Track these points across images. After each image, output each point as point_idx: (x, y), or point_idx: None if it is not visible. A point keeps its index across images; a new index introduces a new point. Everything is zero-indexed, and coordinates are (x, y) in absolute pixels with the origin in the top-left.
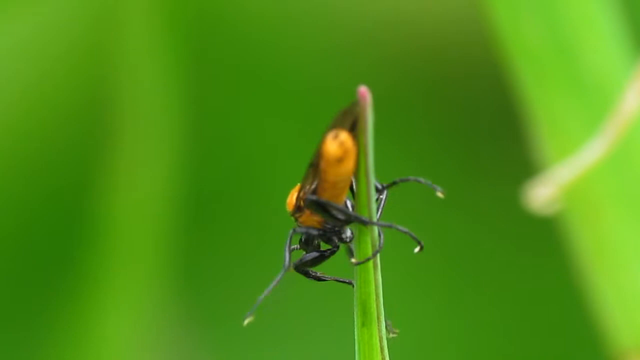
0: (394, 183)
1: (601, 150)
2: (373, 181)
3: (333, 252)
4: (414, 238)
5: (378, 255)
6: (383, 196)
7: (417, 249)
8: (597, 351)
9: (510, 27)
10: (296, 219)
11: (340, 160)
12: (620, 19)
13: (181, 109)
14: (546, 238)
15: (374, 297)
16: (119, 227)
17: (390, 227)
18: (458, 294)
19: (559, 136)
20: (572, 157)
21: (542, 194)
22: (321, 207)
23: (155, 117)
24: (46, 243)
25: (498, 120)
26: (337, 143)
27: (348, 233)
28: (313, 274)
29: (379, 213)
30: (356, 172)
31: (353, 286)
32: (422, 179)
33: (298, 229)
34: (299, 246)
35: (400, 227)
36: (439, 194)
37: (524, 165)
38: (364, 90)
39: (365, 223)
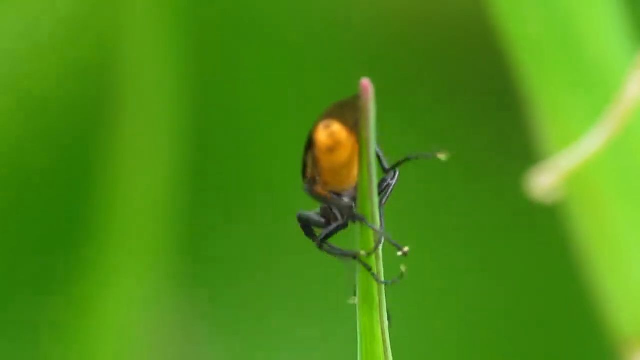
0: (400, 163)
1: (603, 138)
2: (375, 175)
3: (339, 228)
4: (394, 245)
5: (380, 245)
6: (393, 181)
7: (400, 253)
8: (598, 339)
9: (511, 15)
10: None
11: (331, 150)
12: (622, 8)
13: (184, 81)
14: (548, 226)
15: (376, 288)
16: (121, 205)
17: (373, 228)
18: (459, 282)
19: (560, 124)
20: (573, 146)
21: (544, 182)
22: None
23: (157, 90)
24: (48, 219)
25: (499, 108)
26: (327, 133)
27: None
28: (315, 237)
29: (387, 198)
30: (360, 162)
31: (355, 258)
32: (422, 154)
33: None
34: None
35: (384, 235)
36: (442, 156)
37: (525, 154)
38: (366, 83)
39: (353, 219)
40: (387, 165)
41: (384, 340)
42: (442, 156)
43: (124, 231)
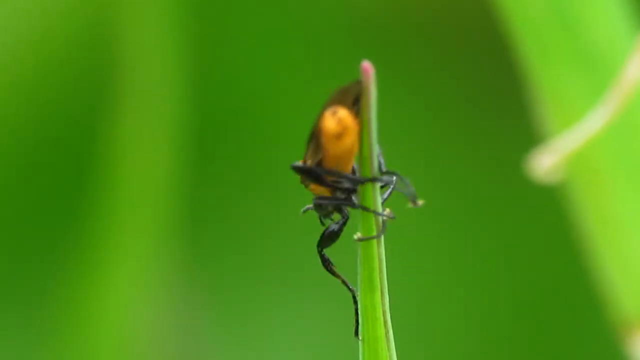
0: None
1: (604, 119)
2: (376, 158)
3: (345, 223)
4: (410, 195)
5: (381, 232)
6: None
7: (412, 204)
8: (599, 320)
9: None
10: (306, 187)
11: (338, 136)
12: None
13: (185, 70)
14: (549, 207)
15: (377, 271)
16: (121, 199)
17: (387, 183)
18: (460, 264)
19: (562, 105)
20: (575, 127)
21: (545, 163)
22: (310, 174)
23: (158, 81)
24: (48, 213)
25: (501, 89)
26: (335, 119)
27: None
28: (328, 264)
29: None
30: (360, 146)
31: (353, 296)
32: (406, 185)
33: (315, 201)
34: (312, 207)
35: (399, 185)
36: (417, 203)
37: (527, 134)
38: (367, 65)
39: (361, 182)
40: (384, 168)
41: (385, 322)
42: (417, 203)
43: (123, 224)
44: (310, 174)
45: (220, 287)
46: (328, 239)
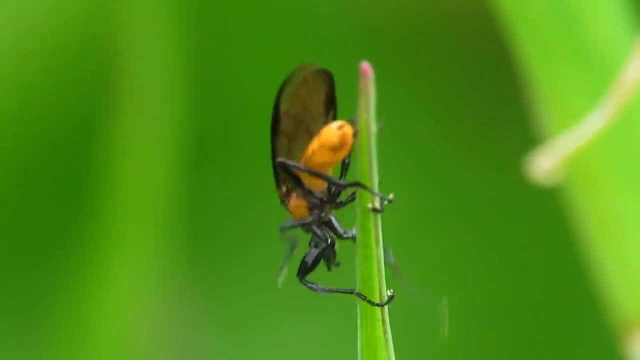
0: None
1: (603, 121)
2: (375, 160)
3: (327, 248)
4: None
5: (380, 229)
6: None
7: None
8: (599, 322)
9: None
10: (286, 207)
11: (335, 149)
12: None
13: (185, 73)
14: (548, 209)
15: (376, 272)
16: (121, 200)
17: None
18: (461, 266)
19: (561, 107)
20: (574, 128)
21: (545, 164)
22: (290, 173)
23: (158, 66)
24: (48, 212)
25: (500, 91)
26: (339, 133)
27: (341, 230)
28: (315, 287)
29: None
30: (358, 152)
31: (357, 293)
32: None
33: (287, 224)
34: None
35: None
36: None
37: (526, 136)
38: (366, 67)
39: (343, 186)
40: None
41: (383, 323)
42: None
43: (123, 225)
44: (289, 173)
45: (220, 288)
46: (306, 267)
